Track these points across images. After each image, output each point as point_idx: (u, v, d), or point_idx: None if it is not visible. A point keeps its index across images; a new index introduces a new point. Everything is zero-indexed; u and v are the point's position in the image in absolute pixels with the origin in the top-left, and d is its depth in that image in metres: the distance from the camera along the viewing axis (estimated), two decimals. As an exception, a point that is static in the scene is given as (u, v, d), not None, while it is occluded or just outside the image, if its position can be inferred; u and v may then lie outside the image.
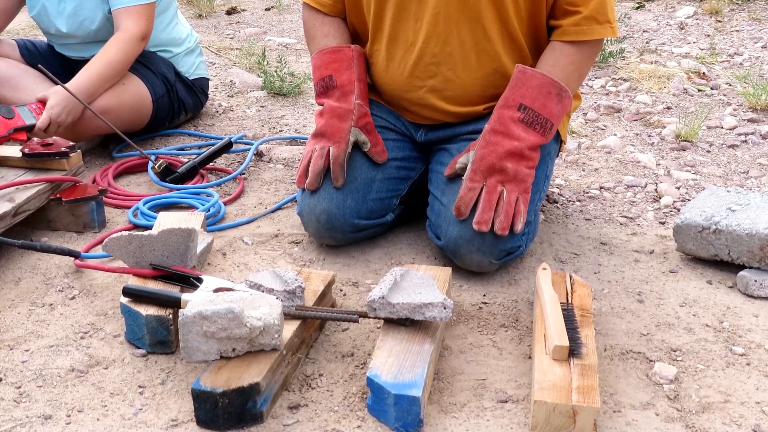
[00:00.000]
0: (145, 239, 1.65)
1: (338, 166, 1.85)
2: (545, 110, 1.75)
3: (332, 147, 1.86)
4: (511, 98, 1.76)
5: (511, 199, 1.72)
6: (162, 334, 1.51)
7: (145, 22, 2.48)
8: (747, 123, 2.81)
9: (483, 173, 1.73)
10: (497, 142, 1.74)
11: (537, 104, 1.75)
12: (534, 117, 1.74)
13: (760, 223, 1.76)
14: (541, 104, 1.75)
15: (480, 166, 1.73)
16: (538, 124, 1.75)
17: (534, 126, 1.75)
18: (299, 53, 3.85)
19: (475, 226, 1.72)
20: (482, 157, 1.74)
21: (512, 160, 1.73)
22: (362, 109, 1.89)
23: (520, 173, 1.73)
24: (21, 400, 1.40)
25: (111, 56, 2.42)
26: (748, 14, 4.29)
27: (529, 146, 1.74)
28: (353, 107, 1.87)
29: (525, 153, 1.74)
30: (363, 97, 1.91)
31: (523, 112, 1.74)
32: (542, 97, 1.75)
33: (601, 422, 1.35)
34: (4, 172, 2.04)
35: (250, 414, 1.32)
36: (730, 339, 1.60)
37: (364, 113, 1.89)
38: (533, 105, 1.75)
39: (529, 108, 1.74)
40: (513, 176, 1.73)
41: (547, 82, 1.76)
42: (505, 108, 1.76)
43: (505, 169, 1.72)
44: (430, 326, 1.48)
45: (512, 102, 1.75)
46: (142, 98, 2.53)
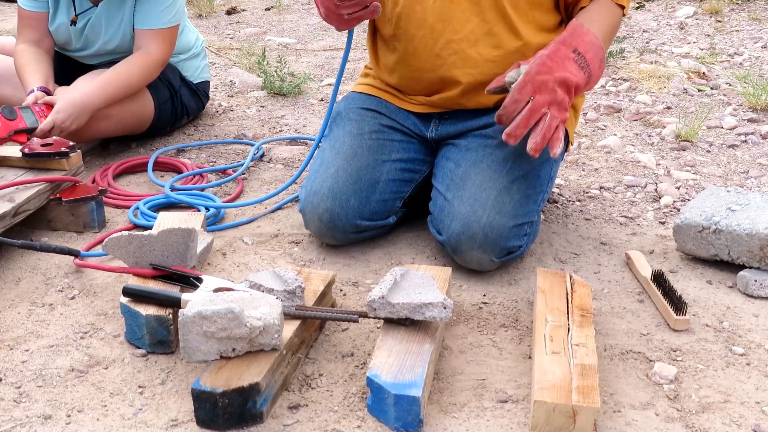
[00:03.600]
0: (145, 239, 1.65)
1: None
2: (593, 64, 1.75)
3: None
4: (568, 40, 1.74)
5: (552, 124, 1.69)
6: (162, 334, 1.51)
7: (168, 48, 2.50)
8: (747, 123, 2.81)
9: (534, 87, 1.68)
10: (552, 67, 1.70)
11: (589, 55, 1.74)
12: (584, 63, 1.73)
13: (760, 223, 1.76)
14: (591, 57, 1.74)
15: (534, 79, 1.69)
16: (587, 71, 1.74)
17: (584, 70, 1.73)
18: (299, 53, 3.85)
19: (504, 137, 1.68)
20: (538, 72, 1.70)
21: (563, 87, 1.70)
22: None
23: (565, 102, 1.71)
24: (21, 400, 1.40)
25: (133, 80, 2.43)
26: (748, 14, 4.29)
27: (578, 83, 1.72)
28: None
29: (572, 87, 1.71)
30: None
31: (576, 55, 1.73)
32: (592, 52, 1.74)
33: (601, 422, 1.35)
34: (4, 172, 2.04)
35: (250, 414, 1.32)
36: (730, 339, 1.60)
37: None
38: (586, 54, 1.73)
39: (582, 54, 1.73)
40: (560, 101, 1.70)
41: (599, 44, 1.76)
42: (562, 45, 1.74)
43: (556, 92, 1.69)
44: (430, 326, 1.48)
45: (569, 44, 1.74)
46: (144, 104, 2.54)
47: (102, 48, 2.54)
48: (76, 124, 2.31)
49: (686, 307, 1.63)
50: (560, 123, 1.70)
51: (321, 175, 1.90)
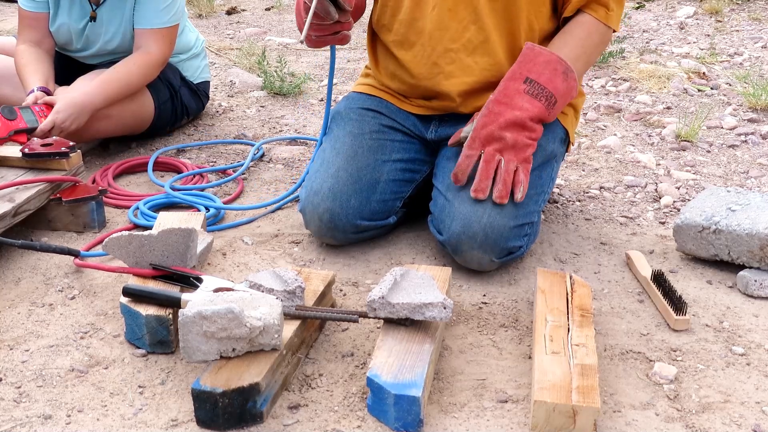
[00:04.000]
0: (145, 239, 1.65)
1: (317, 0, 1.69)
2: (550, 84, 1.75)
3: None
4: (517, 72, 1.76)
5: (509, 168, 1.72)
6: (162, 334, 1.51)
7: (168, 47, 2.50)
8: (747, 123, 2.81)
9: (481, 141, 1.73)
10: (499, 112, 1.74)
11: (543, 78, 1.75)
12: (539, 90, 1.75)
13: (760, 223, 1.76)
14: (547, 79, 1.75)
15: (479, 134, 1.74)
16: (543, 96, 1.75)
17: (539, 98, 1.75)
18: (299, 53, 3.85)
19: (473, 194, 1.73)
20: (483, 125, 1.74)
21: (513, 129, 1.73)
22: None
23: (520, 142, 1.73)
24: (21, 400, 1.40)
25: (133, 79, 2.43)
26: (748, 14, 4.29)
27: (532, 117, 1.74)
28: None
29: (527, 123, 1.74)
30: None
31: (528, 84, 1.74)
32: (548, 72, 1.75)
33: (601, 422, 1.35)
34: (4, 172, 2.04)
35: (250, 414, 1.32)
36: (730, 339, 1.60)
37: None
38: (539, 79, 1.75)
39: (534, 81, 1.74)
40: (512, 145, 1.72)
41: (554, 59, 1.76)
42: (511, 80, 1.76)
43: (504, 138, 1.72)
44: (430, 326, 1.48)
45: (518, 75, 1.76)
46: (144, 104, 2.53)
47: (103, 48, 2.54)
48: (76, 124, 2.31)
49: (686, 307, 1.63)
50: (519, 164, 1.73)
51: (321, 175, 1.91)
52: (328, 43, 1.83)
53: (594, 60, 1.90)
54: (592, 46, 1.86)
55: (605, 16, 1.83)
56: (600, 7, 1.83)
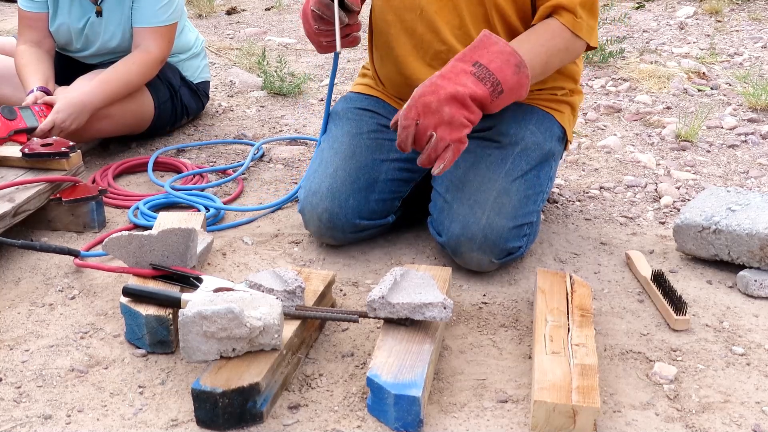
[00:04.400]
0: (145, 239, 1.65)
1: (324, 6, 1.71)
2: (500, 73, 1.67)
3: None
4: (468, 54, 1.69)
5: (439, 145, 1.63)
6: (162, 334, 1.51)
7: (167, 45, 2.50)
8: (747, 123, 2.81)
9: (417, 111, 1.64)
10: (441, 85, 1.65)
11: (493, 66, 1.67)
12: (486, 74, 1.66)
13: (760, 223, 1.76)
14: (497, 67, 1.67)
15: (416, 102, 1.64)
16: (489, 81, 1.66)
17: (484, 81, 1.66)
18: (299, 53, 3.85)
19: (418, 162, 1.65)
20: (421, 94, 1.64)
21: (452, 104, 1.63)
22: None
23: (456, 120, 1.63)
24: (21, 400, 1.40)
25: (132, 78, 2.43)
26: (748, 14, 4.29)
27: (473, 95, 1.65)
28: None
29: (467, 101, 1.64)
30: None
31: (476, 67, 1.67)
32: (499, 61, 1.68)
33: (601, 422, 1.35)
34: (4, 172, 2.04)
35: (250, 414, 1.32)
36: (730, 339, 1.60)
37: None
38: (489, 65, 1.67)
39: (483, 66, 1.67)
40: (448, 121, 1.63)
41: (509, 50, 1.69)
42: (460, 61, 1.69)
43: (440, 112, 1.63)
44: (430, 326, 1.48)
45: (468, 58, 1.68)
46: (144, 104, 2.53)
47: (102, 47, 2.54)
48: (75, 124, 2.31)
49: (686, 307, 1.63)
50: (450, 143, 1.64)
51: (320, 175, 1.91)
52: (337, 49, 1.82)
53: (555, 65, 1.82)
54: (554, 50, 1.78)
55: (572, 23, 1.77)
56: (567, 13, 1.78)
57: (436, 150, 1.63)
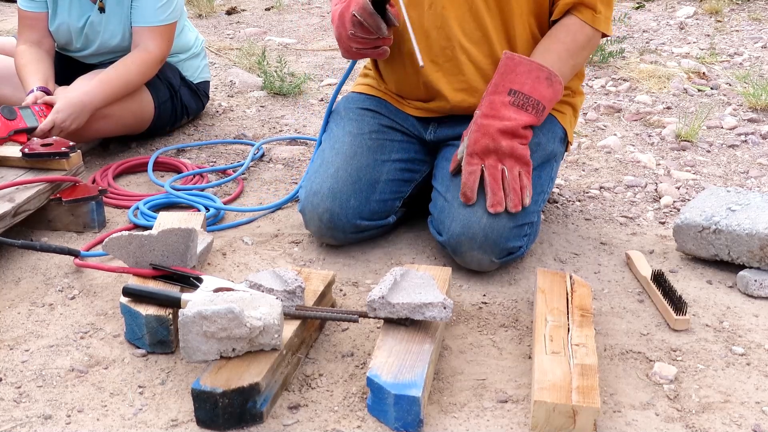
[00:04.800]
0: (145, 239, 1.65)
1: (368, 14, 1.73)
2: (535, 93, 1.75)
3: (353, 4, 1.75)
4: (500, 84, 1.76)
5: (514, 174, 1.74)
6: (162, 334, 1.51)
7: (166, 44, 2.50)
8: (747, 123, 2.81)
9: (479, 155, 1.74)
10: (489, 124, 1.74)
11: (526, 88, 1.74)
12: (524, 99, 1.75)
13: (760, 223, 1.76)
14: (531, 87, 1.75)
15: (475, 149, 1.74)
16: (530, 105, 1.75)
17: (525, 107, 1.75)
18: (299, 53, 3.85)
19: (491, 210, 1.73)
20: (475, 140, 1.74)
21: (505, 137, 1.73)
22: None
23: (517, 149, 1.74)
24: (21, 400, 1.40)
25: (132, 78, 2.43)
26: (748, 14, 4.29)
27: (522, 125, 1.74)
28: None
29: (518, 131, 1.74)
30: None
31: (513, 96, 1.74)
32: (531, 81, 1.75)
33: (601, 422, 1.35)
34: (4, 172, 2.04)
35: (250, 414, 1.32)
36: (730, 339, 1.60)
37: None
38: (523, 89, 1.74)
39: (518, 92, 1.74)
40: (509, 152, 1.73)
41: (535, 67, 1.75)
42: (495, 94, 1.76)
43: (500, 148, 1.73)
44: (430, 326, 1.48)
45: (501, 88, 1.76)
46: (144, 103, 2.53)
47: (102, 46, 2.54)
48: (75, 124, 2.31)
49: (686, 307, 1.63)
50: (521, 169, 1.74)
51: (321, 175, 1.91)
52: (366, 56, 1.86)
53: (582, 62, 1.89)
54: (578, 49, 1.84)
55: (592, 19, 1.81)
56: (587, 10, 1.82)
57: (515, 180, 1.74)
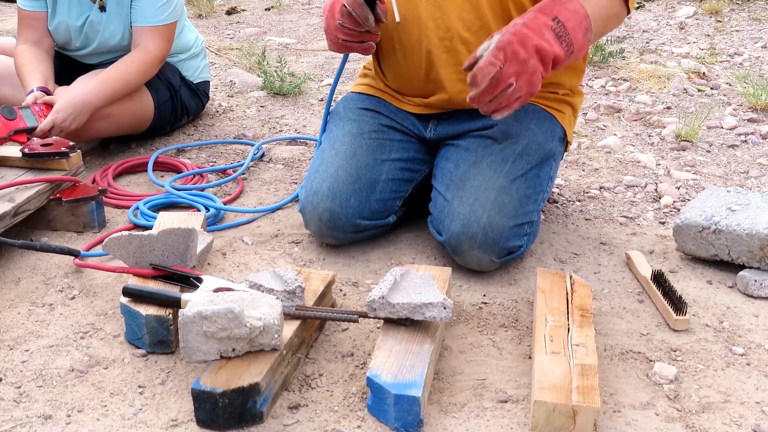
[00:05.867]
0: (145, 239, 1.65)
1: (358, 4, 1.72)
2: (574, 34, 1.68)
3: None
4: (548, 8, 1.69)
5: (513, 96, 1.63)
6: (162, 334, 1.51)
7: (166, 44, 2.50)
8: (747, 123, 2.81)
9: (506, 56, 1.62)
10: (529, 35, 1.63)
11: (570, 24, 1.68)
12: (564, 32, 1.67)
13: (760, 223, 1.76)
14: (573, 26, 1.68)
15: (507, 49, 1.62)
16: (565, 41, 1.68)
17: (562, 40, 1.67)
18: (299, 53, 3.85)
19: (468, 100, 1.64)
20: (510, 41, 1.62)
21: (536, 58, 1.63)
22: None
23: (537, 74, 1.64)
24: (21, 400, 1.40)
25: (131, 77, 2.43)
26: (748, 14, 4.29)
27: (554, 54, 1.66)
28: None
29: (548, 58, 1.65)
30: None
31: (556, 23, 1.67)
32: (575, 21, 1.69)
33: (601, 422, 1.35)
34: (4, 172, 2.04)
35: (250, 414, 1.32)
36: (730, 339, 1.60)
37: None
38: (567, 23, 1.67)
39: (562, 23, 1.67)
40: (531, 73, 1.63)
41: (583, 13, 1.70)
42: (541, 13, 1.68)
43: (527, 63, 1.62)
44: (430, 326, 1.48)
45: (549, 11, 1.68)
46: (144, 103, 2.54)
47: (102, 45, 2.54)
48: (75, 124, 2.32)
49: (686, 307, 1.63)
50: (522, 96, 1.64)
51: (321, 175, 1.91)
52: (352, 50, 1.85)
53: (607, 31, 1.84)
54: (610, 15, 1.79)
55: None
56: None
57: (510, 98, 1.63)
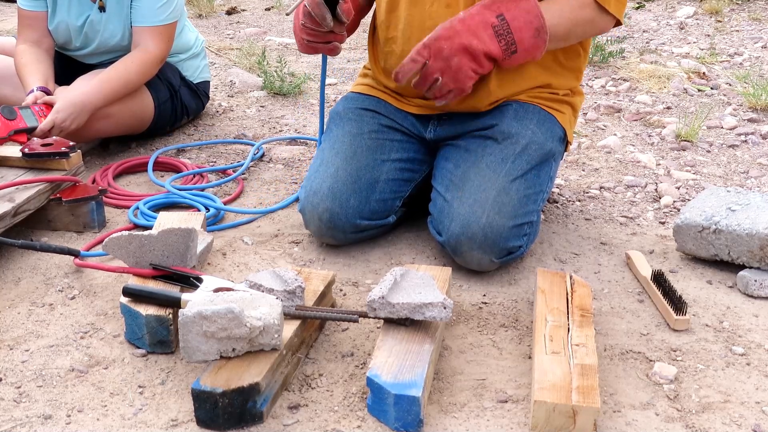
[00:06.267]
0: (145, 239, 1.65)
1: (315, 4, 1.74)
2: (519, 33, 1.70)
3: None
4: (496, 4, 1.72)
5: (443, 88, 1.72)
6: (162, 334, 1.51)
7: (166, 44, 2.50)
8: (747, 123, 2.81)
9: (430, 52, 1.69)
10: (458, 32, 1.69)
11: (515, 24, 1.70)
12: (506, 31, 1.70)
13: (760, 223, 1.76)
14: (519, 26, 1.70)
15: (432, 44, 1.70)
16: (505, 40, 1.70)
17: (500, 39, 1.70)
18: (299, 53, 3.85)
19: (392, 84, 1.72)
20: (438, 37, 1.70)
21: (463, 56, 1.69)
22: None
23: (463, 71, 1.70)
24: (21, 400, 1.40)
25: (131, 77, 2.43)
26: (748, 14, 4.29)
27: (486, 52, 1.70)
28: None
29: (479, 56, 1.70)
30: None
31: (499, 21, 1.70)
32: (523, 20, 1.70)
33: (601, 422, 1.35)
34: (4, 172, 2.04)
35: (250, 414, 1.32)
36: (730, 339, 1.60)
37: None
38: (512, 22, 1.70)
39: (506, 21, 1.70)
40: (455, 70, 1.70)
41: (535, 12, 1.71)
42: (486, 8, 1.71)
43: (450, 61, 1.69)
44: (430, 326, 1.48)
45: (495, 8, 1.71)
46: (144, 103, 2.54)
47: (102, 45, 2.54)
48: (75, 124, 2.32)
49: (686, 307, 1.63)
50: (453, 91, 1.72)
51: (321, 175, 1.91)
52: (318, 51, 1.87)
53: (578, 36, 1.84)
54: (580, 20, 1.79)
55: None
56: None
57: (441, 91, 1.73)
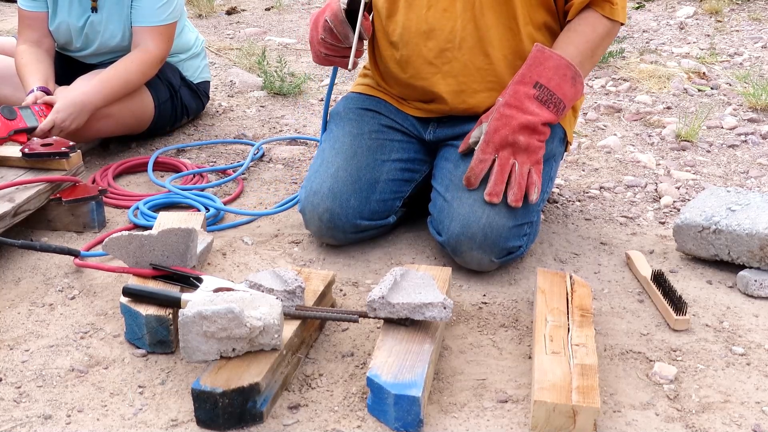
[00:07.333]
0: (145, 239, 1.65)
1: (339, 21, 1.84)
2: (560, 90, 1.76)
3: (328, 10, 1.86)
4: (527, 75, 1.77)
5: (523, 171, 1.75)
6: (162, 334, 1.51)
7: (166, 44, 2.50)
8: (747, 123, 2.81)
9: (495, 146, 1.74)
10: (511, 116, 1.75)
11: (552, 84, 1.76)
12: (548, 95, 1.76)
13: (760, 223, 1.76)
14: (557, 84, 1.76)
15: (493, 138, 1.75)
16: (552, 103, 1.76)
17: (548, 104, 1.76)
18: (299, 53, 3.85)
19: (487, 198, 1.74)
20: (495, 129, 1.75)
21: (525, 133, 1.74)
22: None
23: (532, 146, 1.75)
24: (21, 400, 1.40)
25: (131, 77, 2.43)
26: (748, 14, 4.29)
27: (542, 121, 1.75)
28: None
29: (538, 127, 1.75)
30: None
31: (538, 89, 1.75)
32: (558, 78, 1.76)
33: (601, 422, 1.35)
34: (4, 172, 2.04)
35: (250, 414, 1.32)
36: (730, 339, 1.60)
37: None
38: (549, 84, 1.76)
39: (544, 86, 1.76)
40: (525, 148, 1.74)
41: (564, 64, 1.77)
42: (521, 84, 1.77)
43: (517, 142, 1.74)
44: (430, 326, 1.48)
45: (528, 79, 1.77)
46: (144, 103, 2.53)
47: (102, 46, 2.54)
48: (75, 124, 2.32)
49: (686, 307, 1.63)
50: (532, 166, 1.75)
51: (321, 175, 1.91)
52: (334, 64, 1.95)
53: (601, 55, 1.91)
54: (598, 41, 1.85)
55: (610, 11, 1.83)
56: (605, 3, 1.82)
57: (523, 176, 1.75)
